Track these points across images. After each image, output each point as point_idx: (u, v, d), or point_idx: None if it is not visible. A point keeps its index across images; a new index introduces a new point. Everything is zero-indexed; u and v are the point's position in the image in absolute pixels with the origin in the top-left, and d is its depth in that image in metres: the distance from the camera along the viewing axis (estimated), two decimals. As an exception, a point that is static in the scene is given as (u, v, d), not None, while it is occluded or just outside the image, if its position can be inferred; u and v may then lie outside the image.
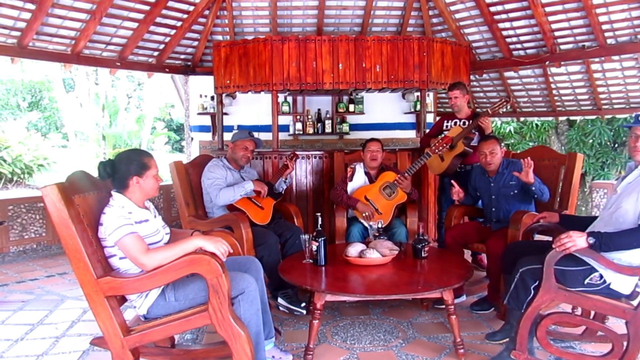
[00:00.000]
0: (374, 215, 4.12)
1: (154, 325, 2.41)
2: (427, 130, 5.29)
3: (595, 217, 2.92)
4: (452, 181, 3.97)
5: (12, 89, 18.02)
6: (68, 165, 14.49)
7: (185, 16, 6.34)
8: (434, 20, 6.80)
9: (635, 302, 2.63)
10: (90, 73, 16.27)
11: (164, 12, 6.08)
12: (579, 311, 3.21)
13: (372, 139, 4.42)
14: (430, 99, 7.10)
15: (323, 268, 3.21)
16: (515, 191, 3.77)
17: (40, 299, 4.17)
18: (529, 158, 3.51)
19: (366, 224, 4.04)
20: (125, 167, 2.49)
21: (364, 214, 4.14)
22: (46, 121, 19.20)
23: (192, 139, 7.59)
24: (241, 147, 4.12)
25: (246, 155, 4.14)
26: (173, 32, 6.46)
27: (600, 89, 6.49)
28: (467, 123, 4.50)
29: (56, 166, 14.12)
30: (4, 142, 12.94)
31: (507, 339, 3.03)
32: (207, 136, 7.34)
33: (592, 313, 3.02)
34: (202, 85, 7.03)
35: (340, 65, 5.27)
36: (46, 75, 18.41)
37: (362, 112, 7.09)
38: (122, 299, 2.53)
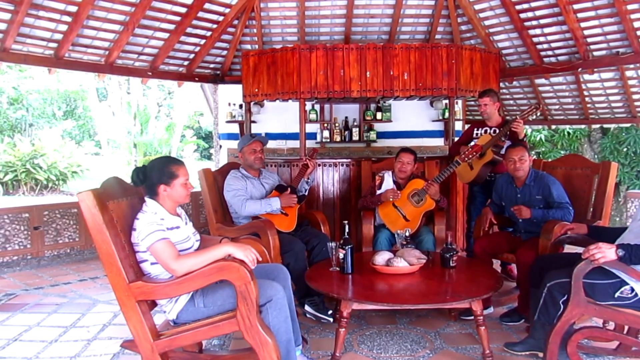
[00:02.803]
0: (399, 195, 4.13)
1: (183, 331, 2.44)
2: (456, 138, 5.24)
3: (625, 229, 2.83)
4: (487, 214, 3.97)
5: (48, 99, 18.58)
6: (100, 172, 14.85)
7: (214, 26, 6.45)
8: (463, 27, 6.75)
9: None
10: (122, 82, 16.66)
11: (194, 22, 6.20)
12: (611, 325, 3.12)
13: (406, 150, 4.35)
14: (458, 106, 7.03)
15: (350, 276, 3.20)
16: (541, 206, 3.70)
17: (73, 302, 4.27)
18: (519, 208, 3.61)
19: (393, 232, 4.01)
20: (153, 175, 2.55)
21: (391, 198, 4.13)
22: (80, 129, 19.74)
23: (220, 146, 7.69)
24: (249, 151, 4.10)
25: (258, 157, 4.11)
26: (203, 42, 6.58)
27: (635, 97, 6.32)
28: (497, 131, 4.43)
29: (89, 173, 14.49)
30: (40, 150, 13.36)
31: (528, 352, 2.97)
32: (236, 144, 7.41)
33: (626, 327, 2.93)
34: (231, 94, 7.12)
35: (367, 73, 5.28)
36: (80, 85, 18.94)
37: (389, 120, 7.08)
38: (153, 304, 2.57)
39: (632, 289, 2.51)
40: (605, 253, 2.41)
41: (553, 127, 8.84)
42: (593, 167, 3.93)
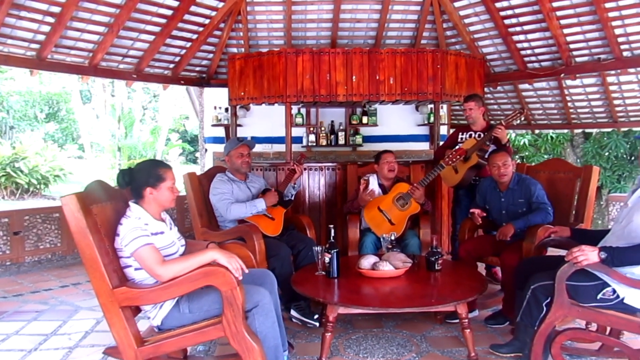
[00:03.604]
0: (374, 192, 4.20)
1: (168, 337, 2.41)
2: (441, 142, 5.28)
3: (607, 231, 2.87)
4: (473, 211, 3.96)
5: (30, 101, 18.34)
6: (84, 176, 14.69)
7: (201, 29, 6.42)
8: (448, 32, 6.80)
9: (651, 317, 2.58)
10: (106, 85, 16.53)
11: (180, 25, 6.17)
12: (594, 327, 3.15)
13: (386, 151, 4.42)
14: (444, 111, 7.08)
15: (336, 280, 3.20)
16: (524, 209, 3.75)
17: (54, 309, 4.20)
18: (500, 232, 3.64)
19: (379, 235, 4.02)
20: (140, 178, 2.52)
21: (369, 198, 4.17)
22: (63, 132, 19.52)
23: (206, 150, 7.65)
24: (236, 155, 4.07)
25: (245, 161, 4.09)
26: (189, 44, 6.55)
27: (616, 102, 6.43)
28: (482, 135, 4.48)
29: (72, 177, 14.30)
30: (21, 153, 13.14)
31: (513, 354, 2.99)
32: (221, 147, 7.38)
33: (608, 328, 2.96)
34: (217, 97, 7.09)
35: (354, 77, 5.29)
36: (64, 87, 18.74)
37: (375, 124, 7.11)
38: (137, 310, 2.54)
39: (614, 291, 2.54)
40: (588, 255, 2.44)
41: (536, 131, 8.93)
42: (575, 171, 3.98)
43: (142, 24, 5.88)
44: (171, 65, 6.77)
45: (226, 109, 6.88)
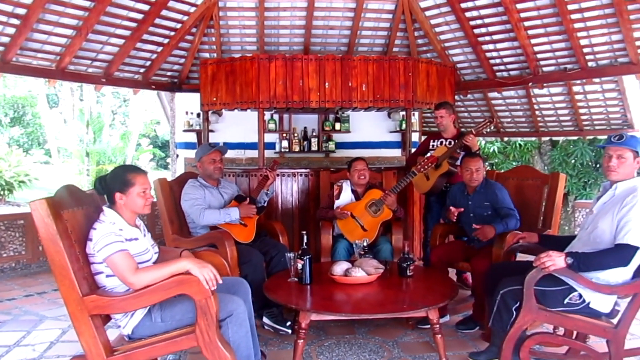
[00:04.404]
0: (347, 215, 4.19)
1: (139, 346, 2.36)
2: (413, 149, 5.33)
3: (574, 237, 2.94)
4: (451, 208, 3.99)
5: (-6, 104, 17.81)
6: (50, 182, 14.32)
7: (172, 33, 6.36)
8: (420, 41, 6.90)
9: (615, 321, 2.66)
10: (75, 89, 16.16)
11: (151, 29, 6.09)
12: (561, 331, 3.22)
13: (357, 158, 4.43)
14: (415, 118, 7.17)
15: (308, 287, 3.19)
16: (489, 212, 3.81)
17: (17, 319, 4.06)
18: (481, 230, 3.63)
19: (352, 242, 4.03)
20: (111, 183, 2.48)
21: (340, 217, 4.20)
22: (28, 137, 18.96)
23: (177, 156, 7.56)
24: (208, 161, 4.03)
25: (217, 167, 4.05)
26: (160, 49, 6.47)
27: (581, 110, 6.62)
28: (452, 142, 4.54)
29: (38, 183, 13.92)
30: (-16, 158, 12.74)
31: (491, 360, 3.03)
32: (193, 153, 7.31)
33: (575, 332, 3.03)
34: (189, 102, 7.03)
35: (326, 83, 5.31)
36: (29, 91, 18.25)
37: (348, 131, 7.14)
38: (107, 318, 2.48)
39: (580, 296, 2.60)
40: (555, 261, 2.49)
41: (505, 139, 9.13)
42: (543, 178, 4.07)
43: (111, 27, 5.79)
44: (142, 70, 6.68)
45: (198, 115, 6.82)
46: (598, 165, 9.97)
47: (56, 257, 2.21)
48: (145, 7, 5.79)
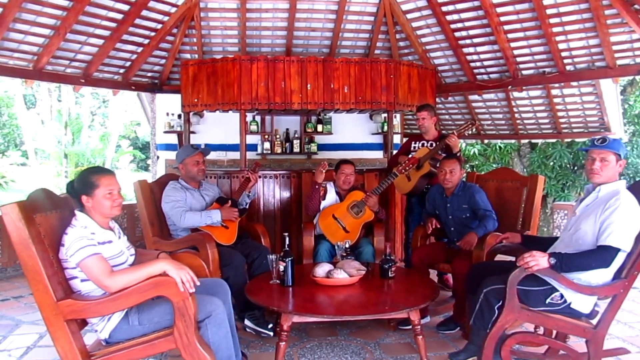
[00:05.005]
0: (325, 167, 4.16)
1: (116, 350, 2.33)
2: (395, 151, 5.36)
3: (556, 238, 2.98)
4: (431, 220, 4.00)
5: (-31, 105, 17.45)
6: (28, 184, 14.07)
7: (153, 34, 6.29)
8: (401, 43, 6.94)
9: (594, 321, 2.70)
10: (52, 89, 15.93)
11: (131, 29, 6.02)
12: (541, 330, 3.26)
13: (346, 161, 4.40)
14: (397, 120, 7.21)
15: (290, 289, 3.17)
16: (467, 214, 3.85)
17: (-7, 323, 3.98)
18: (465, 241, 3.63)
19: (334, 243, 4.03)
20: (77, 186, 2.44)
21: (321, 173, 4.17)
22: (5, 138, 18.61)
23: (157, 157, 7.48)
24: (192, 163, 3.98)
25: (201, 169, 4.01)
26: (140, 49, 6.40)
27: (560, 113, 6.72)
28: (434, 144, 4.57)
29: (15, 185, 13.68)
30: (-41, 160, 12.47)
31: (470, 358, 3.05)
32: (174, 155, 7.25)
33: (555, 332, 3.07)
34: (169, 104, 6.96)
35: (308, 85, 5.31)
36: (6, 91, 17.90)
37: (330, 132, 7.15)
38: (83, 323, 2.43)
39: (562, 296, 2.64)
40: (539, 261, 2.52)
41: (486, 141, 9.23)
42: (522, 180, 4.11)
43: (90, 27, 5.70)
44: (121, 70, 6.60)
45: (179, 116, 6.76)
46: (576, 168, 10.15)
47: (29, 261, 2.17)
48: (125, 7, 5.72)
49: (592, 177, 2.71)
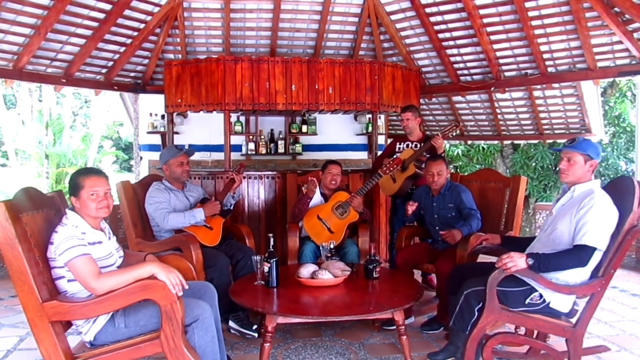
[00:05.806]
0: (316, 185, 4.18)
1: (101, 353, 2.31)
2: (379, 152, 5.37)
3: (534, 238, 3.02)
4: (409, 202, 4.02)
5: (-53, 104, 17.08)
6: (7, 185, 13.83)
7: (135, 33, 6.23)
8: (385, 44, 6.97)
9: (573, 320, 2.74)
10: (33, 89, 15.67)
11: (114, 28, 5.96)
12: (522, 330, 3.29)
13: (333, 162, 4.41)
14: (381, 121, 7.24)
15: (275, 290, 3.17)
16: (453, 214, 3.89)
17: (-28, 327, 3.91)
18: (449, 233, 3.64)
19: (318, 244, 4.03)
20: (69, 187, 2.43)
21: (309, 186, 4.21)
22: (-16, 139, 18.29)
23: (141, 158, 7.42)
24: (176, 164, 3.96)
25: (185, 170, 3.99)
26: (123, 49, 6.34)
27: (542, 115, 6.81)
28: (418, 145, 4.60)
29: (-6, 185, 13.44)
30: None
31: (449, 359, 3.07)
32: (157, 155, 7.19)
33: (535, 332, 3.11)
34: (153, 104, 6.91)
35: (293, 86, 5.31)
36: (-15, 91, 17.61)
37: (315, 133, 7.16)
38: (68, 324, 2.41)
39: (541, 296, 2.67)
40: (517, 262, 2.55)
41: (469, 142, 9.31)
42: (505, 181, 4.16)
43: (72, 26, 5.62)
44: (104, 70, 6.52)
45: (162, 116, 6.71)
46: (557, 168, 10.28)
47: (14, 261, 2.14)
48: (108, 7, 5.65)
49: (561, 177, 2.81)
